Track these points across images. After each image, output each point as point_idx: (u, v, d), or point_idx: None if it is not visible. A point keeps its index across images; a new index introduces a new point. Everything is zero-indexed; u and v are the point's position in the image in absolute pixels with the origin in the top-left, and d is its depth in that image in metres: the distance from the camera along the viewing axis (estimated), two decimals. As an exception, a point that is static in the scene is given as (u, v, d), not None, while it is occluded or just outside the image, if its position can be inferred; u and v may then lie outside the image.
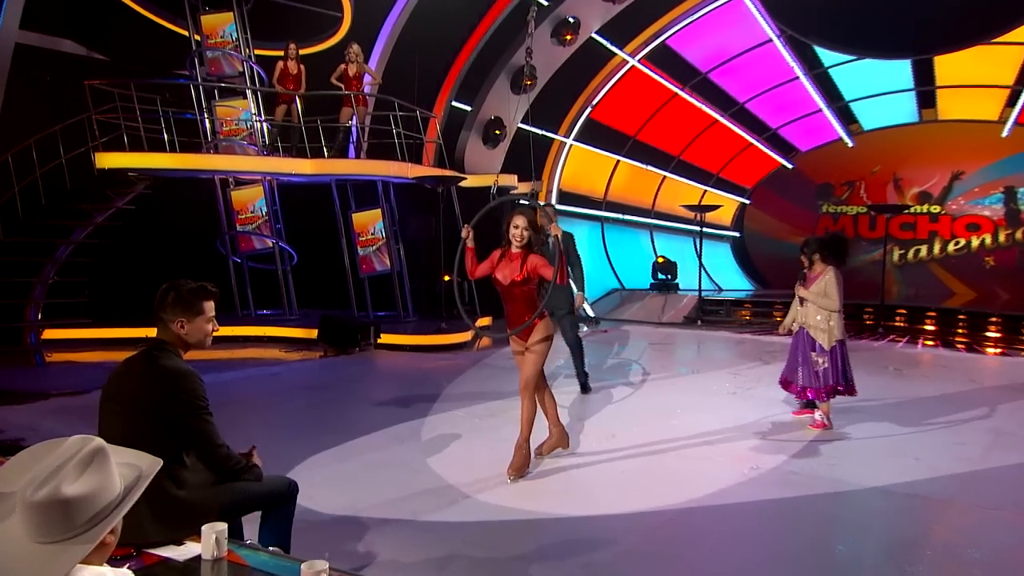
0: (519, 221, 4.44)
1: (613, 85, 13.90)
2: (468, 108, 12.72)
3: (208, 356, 8.49)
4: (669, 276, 14.48)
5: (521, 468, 4.55)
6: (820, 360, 5.66)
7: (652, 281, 14.59)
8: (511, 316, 4.54)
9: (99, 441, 1.48)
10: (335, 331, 9.50)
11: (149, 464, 1.60)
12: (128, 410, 2.53)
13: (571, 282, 6.55)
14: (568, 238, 6.55)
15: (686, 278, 14.65)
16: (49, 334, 9.00)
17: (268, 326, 10.21)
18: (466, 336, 9.96)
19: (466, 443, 5.34)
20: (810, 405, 5.98)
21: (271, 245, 10.74)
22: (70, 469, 1.42)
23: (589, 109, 14.19)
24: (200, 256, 10.34)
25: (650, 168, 15.65)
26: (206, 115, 10.44)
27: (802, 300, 5.79)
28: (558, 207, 14.33)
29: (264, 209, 10.78)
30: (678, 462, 4.93)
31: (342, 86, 10.37)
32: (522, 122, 13.26)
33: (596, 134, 14.41)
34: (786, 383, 5.94)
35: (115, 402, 2.57)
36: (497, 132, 12.73)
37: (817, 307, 5.68)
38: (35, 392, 6.78)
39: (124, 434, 2.42)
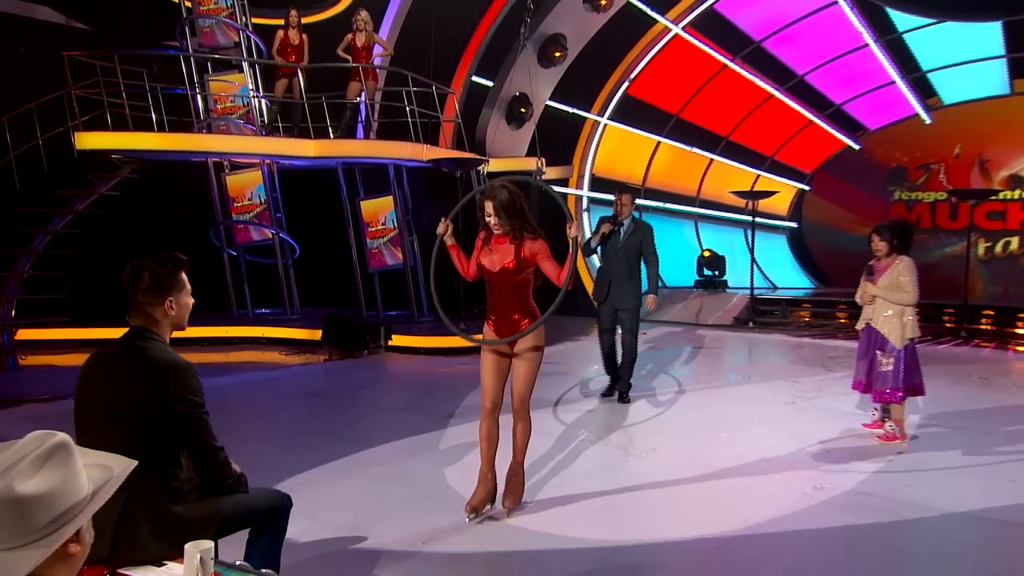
0: (488, 208, 3.99)
1: (654, 56, 13.79)
2: (490, 83, 12.69)
3: (200, 359, 8.63)
4: (716, 272, 14.36)
5: (516, 498, 4.24)
6: (885, 361, 5.49)
7: (697, 278, 14.49)
8: (496, 309, 4.13)
9: (62, 436, 1.44)
10: (341, 332, 9.48)
11: (122, 466, 1.56)
12: (113, 412, 2.46)
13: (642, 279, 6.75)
14: (646, 229, 6.73)
15: (736, 275, 14.50)
16: (24, 334, 9.07)
17: (267, 326, 10.25)
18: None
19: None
20: (885, 415, 5.80)
21: (270, 236, 10.75)
22: (26, 465, 1.37)
23: (626, 84, 14.10)
24: (192, 248, 10.23)
25: (695, 150, 15.52)
26: (198, 91, 10.47)
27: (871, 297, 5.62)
28: (590, 195, 14.34)
29: (263, 196, 10.80)
30: (729, 480, 4.85)
31: (349, 58, 10.36)
32: (550, 99, 13.24)
33: (634, 112, 14.33)
34: (864, 386, 5.75)
35: (96, 404, 2.51)
36: (522, 110, 12.70)
37: (888, 301, 5.51)
38: (6, 398, 6.82)
39: (110, 441, 2.36)
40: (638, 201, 7.67)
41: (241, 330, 10.09)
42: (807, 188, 16.80)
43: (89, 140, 9.07)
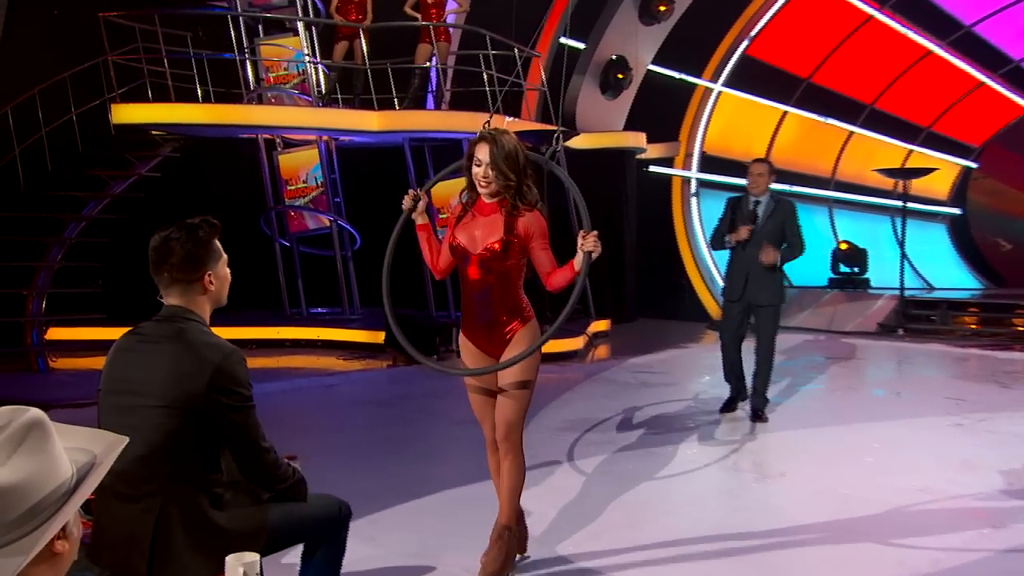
0: (481, 154, 3.48)
1: (780, 9, 13.45)
2: (582, 45, 12.61)
3: (248, 364, 8.81)
4: (856, 269, 13.94)
5: (504, 566, 3.72)
6: None
7: (832, 275, 14.07)
8: (473, 310, 3.63)
9: (36, 412, 1.39)
10: (407, 334, 9.51)
11: (107, 445, 1.49)
12: (145, 405, 2.46)
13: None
14: (789, 209, 6.48)
15: (880, 271, 14.00)
16: (54, 333, 9.45)
17: (323, 327, 10.40)
18: (576, 343, 9.81)
19: (577, 479, 5.26)
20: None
21: (328, 224, 10.92)
22: None
23: (746, 43, 13.83)
24: (240, 237, 10.50)
25: (830, 122, 15.09)
26: (247, 57, 10.72)
27: None
28: (701, 176, 14.06)
29: (319, 178, 10.98)
30: (878, 515, 4.64)
31: (418, 16, 10.44)
32: (653, 63, 13.06)
33: (755, 77, 14.08)
34: None
35: (124, 395, 2.51)
36: (620, 76, 12.58)
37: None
38: (33, 403, 7.08)
39: (143, 437, 2.39)
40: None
41: (294, 331, 10.27)
42: (974, 166, 16.10)
43: (127, 113, 9.40)
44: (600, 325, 11.10)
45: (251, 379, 2.60)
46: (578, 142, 11.80)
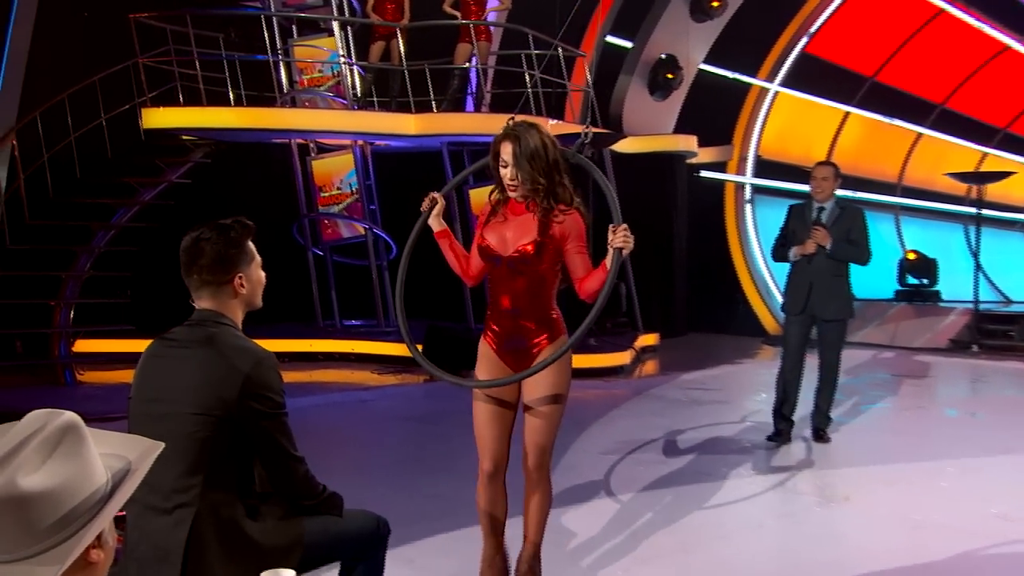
0: (505, 153, 3.37)
1: (842, 3, 13.36)
2: (629, 44, 12.57)
3: None
4: (925, 280, 13.69)
5: None
6: None
7: (898, 287, 13.83)
8: (500, 315, 3.52)
9: (71, 416, 1.42)
10: (445, 347, 9.50)
11: (142, 451, 1.52)
12: (176, 412, 2.48)
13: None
14: (856, 215, 6.31)
15: (952, 283, 13.75)
16: (82, 346, 9.62)
17: (357, 339, 10.46)
18: (623, 358, 9.75)
19: (624, 502, 5.22)
20: None
21: (363, 233, 10.99)
22: (29, 453, 1.35)
23: (805, 40, 13.71)
24: (271, 246, 10.62)
25: (896, 123, 14.87)
26: (280, 58, 10.85)
27: None
28: (755, 182, 13.93)
29: (354, 184, 11.07)
30: (953, 542, 4.53)
31: (458, 14, 10.49)
32: (705, 61, 12.98)
33: (814, 76, 13.96)
34: None
35: (155, 403, 2.54)
36: (669, 76, 12.52)
37: None
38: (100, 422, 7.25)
39: (175, 446, 2.39)
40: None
41: (327, 344, 10.34)
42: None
43: (157, 117, 9.58)
44: (648, 339, 11.03)
45: (286, 394, 2.61)
46: (625, 146, 11.76)
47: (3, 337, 8.96)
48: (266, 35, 10.68)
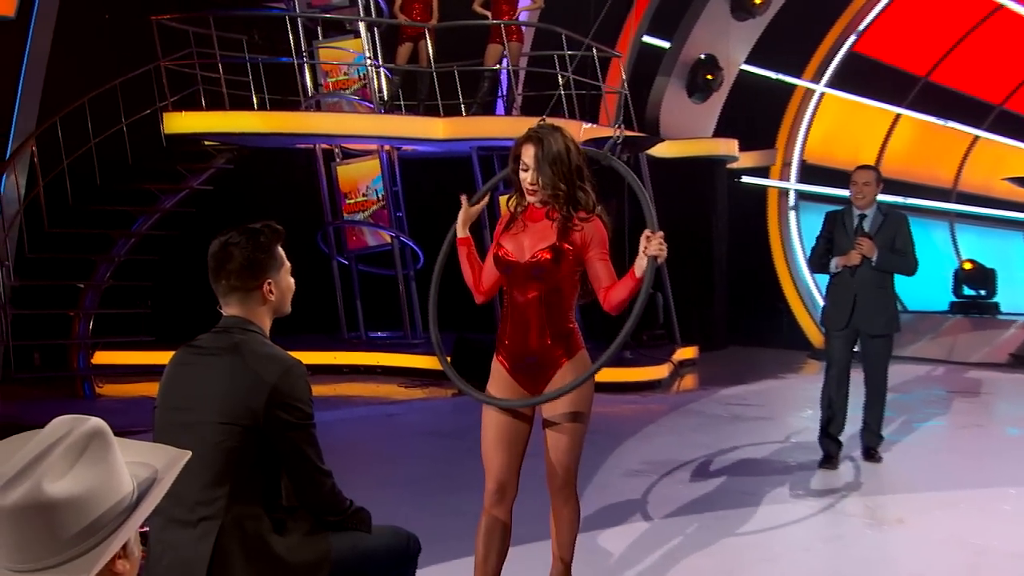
0: (527, 156, 3.33)
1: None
2: (666, 44, 12.54)
3: None
4: (983, 291, 13.44)
5: None
6: None
7: (953, 299, 13.60)
8: (513, 330, 3.46)
9: (97, 421, 1.45)
10: (474, 360, 9.46)
11: (168, 460, 1.54)
12: (202, 421, 2.51)
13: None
14: (900, 222, 6.19)
15: (1013, 294, 13.52)
16: (101, 357, 9.73)
17: (383, 352, 10.50)
18: (660, 371, 9.72)
19: (663, 522, 5.19)
20: None
21: (389, 241, 11.03)
22: (55, 459, 1.38)
23: (853, 39, 13.61)
24: (295, 254, 10.71)
25: (952, 125, 14.69)
26: (305, 60, 10.94)
27: None
28: (800, 187, 13.83)
29: (380, 191, 11.12)
30: (1019, 571, 4.51)
31: (488, 14, 10.54)
32: (746, 62, 12.92)
33: (863, 76, 13.82)
34: None
35: (180, 412, 2.57)
36: (709, 77, 12.48)
37: None
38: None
39: (200, 456, 2.40)
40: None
41: (352, 356, 10.38)
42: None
43: (179, 122, 9.70)
44: (686, 352, 10.96)
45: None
46: (663, 150, 11.72)
47: (21, 349, 9.06)
48: (291, 37, 10.79)
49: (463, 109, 10.57)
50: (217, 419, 2.48)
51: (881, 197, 6.35)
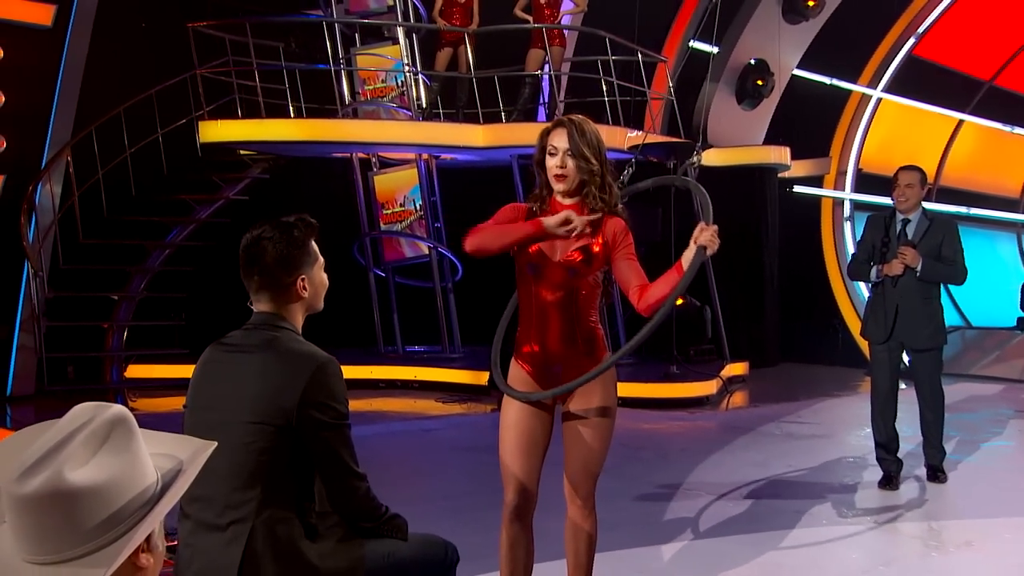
0: (558, 140, 3.27)
1: (955, 0, 13.02)
2: (714, 49, 12.47)
3: None
4: (1053, 307, 13.15)
5: None
6: None
7: (1021, 314, 13.33)
8: (536, 332, 3.37)
9: (120, 409, 1.44)
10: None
11: (194, 451, 1.53)
12: (236, 420, 2.49)
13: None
14: (947, 227, 6.04)
15: (1084, 310, 13.21)
16: (134, 371, 9.85)
17: (420, 366, 10.53)
18: (709, 387, 9.64)
19: (711, 541, 5.13)
20: None
21: (427, 252, 11.06)
22: (76, 446, 1.37)
23: (912, 42, 13.47)
24: (332, 266, 10.79)
25: (1018, 131, 14.47)
26: (343, 67, 11.03)
27: None
28: (855, 197, 13.67)
29: (418, 201, 11.15)
30: None
31: (530, 18, 10.56)
32: (799, 67, 12.82)
33: (923, 80, 13.70)
34: None
35: (210, 411, 2.57)
36: (759, 83, 12.43)
37: None
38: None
39: (230, 457, 2.43)
40: (925, 205, 6.70)
41: (388, 370, 10.41)
42: None
43: (214, 131, 9.82)
44: (736, 368, 10.84)
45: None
46: (710, 158, 11.61)
47: (55, 361, 9.21)
48: (328, 45, 10.88)
49: (503, 116, 10.59)
50: (248, 419, 2.46)
51: (945, 207, 6.21)
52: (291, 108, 10.26)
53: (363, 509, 2.61)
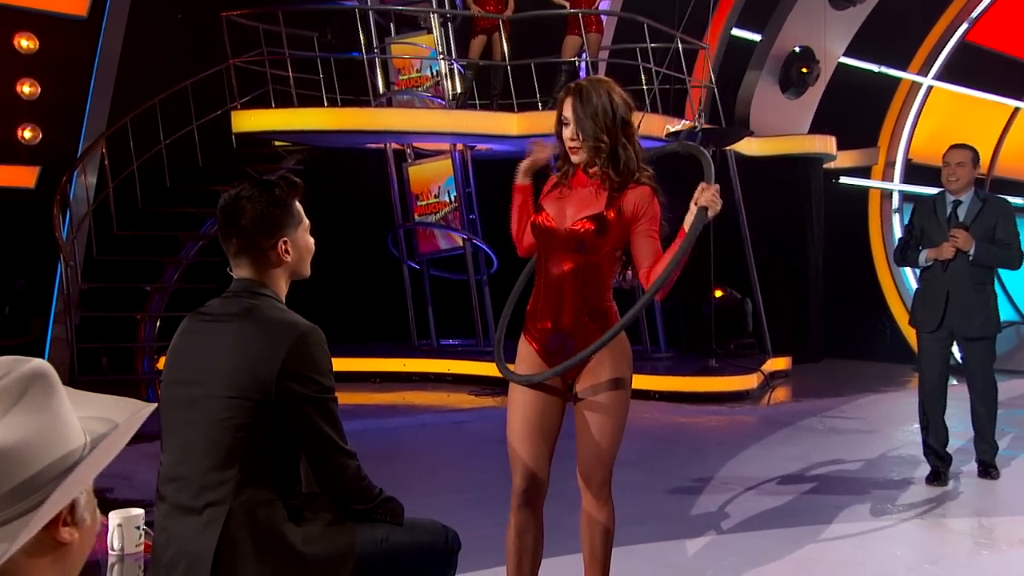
0: (566, 110, 3.15)
1: (1011, -17, 12.82)
2: (757, 37, 12.31)
3: (371, 399, 9.12)
4: (1113, 302, 12.82)
5: None
6: None
7: (1079, 310, 13.04)
8: (545, 307, 3.25)
9: (39, 362, 1.28)
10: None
11: (131, 413, 1.35)
12: (212, 394, 2.37)
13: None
14: (1002, 210, 5.75)
15: None
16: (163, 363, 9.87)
17: (454, 359, 10.45)
18: (749, 381, 9.49)
19: (751, 536, 5.01)
20: None
21: (461, 244, 10.98)
22: None
23: (965, 27, 13.28)
24: (364, 258, 10.86)
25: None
26: (376, 56, 10.99)
27: None
28: (905, 188, 13.40)
29: (452, 193, 11.07)
30: None
31: (566, 4, 10.45)
32: (845, 54, 12.60)
33: (976, 67, 13.58)
34: None
35: (188, 384, 2.43)
36: (804, 71, 12.24)
37: None
38: (142, 436, 7.42)
39: (207, 434, 2.33)
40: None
41: (422, 363, 10.36)
42: None
43: (247, 121, 9.83)
44: (778, 363, 10.64)
45: (377, 414, 2.52)
46: (753, 148, 11.45)
47: (87, 351, 9.25)
48: (361, 35, 10.83)
49: (540, 105, 10.45)
50: (224, 393, 2.33)
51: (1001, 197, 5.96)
52: (325, 99, 10.22)
53: (353, 490, 2.46)
